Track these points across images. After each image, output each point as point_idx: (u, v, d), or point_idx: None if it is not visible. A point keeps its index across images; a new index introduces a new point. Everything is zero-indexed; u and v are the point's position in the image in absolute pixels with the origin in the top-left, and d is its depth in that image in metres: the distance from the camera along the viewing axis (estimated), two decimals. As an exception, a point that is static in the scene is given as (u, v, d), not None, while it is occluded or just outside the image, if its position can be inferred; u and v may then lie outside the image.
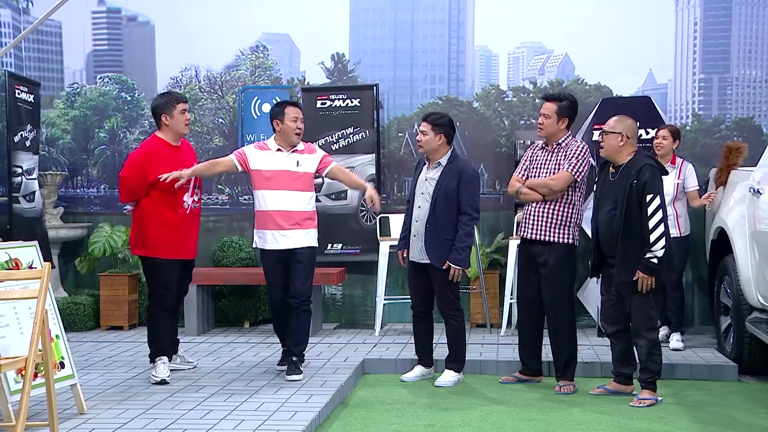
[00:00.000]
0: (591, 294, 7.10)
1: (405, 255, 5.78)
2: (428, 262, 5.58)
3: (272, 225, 5.56)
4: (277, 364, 5.85)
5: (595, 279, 7.04)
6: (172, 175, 5.36)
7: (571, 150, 5.49)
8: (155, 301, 5.61)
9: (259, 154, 5.62)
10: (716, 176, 6.60)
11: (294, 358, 5.63)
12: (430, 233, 5.53)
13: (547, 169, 5.53)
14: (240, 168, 5.65)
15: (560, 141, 5.53)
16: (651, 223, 5.03)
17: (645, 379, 5.23)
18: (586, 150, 5.52)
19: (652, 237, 5.02)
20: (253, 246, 5.78)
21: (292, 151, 5.62)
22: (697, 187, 6.48)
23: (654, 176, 5.09)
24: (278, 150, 5.61)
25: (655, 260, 5.04)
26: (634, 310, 5.20)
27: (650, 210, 5.03)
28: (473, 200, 5.56)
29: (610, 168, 5.30)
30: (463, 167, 5.62)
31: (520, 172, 5.68)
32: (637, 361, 5.30)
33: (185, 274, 5.73)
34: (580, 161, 5.45)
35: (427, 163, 5.69)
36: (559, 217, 5.49)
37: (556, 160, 5.51)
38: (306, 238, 5.60)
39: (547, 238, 5.49)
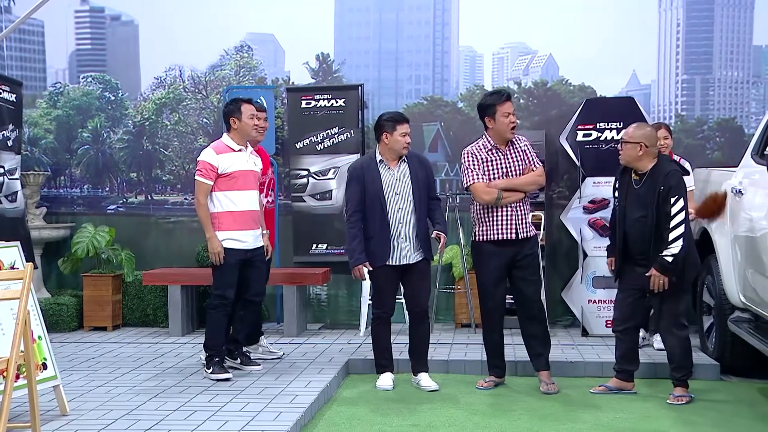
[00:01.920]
0: (575, 294, 7.13)
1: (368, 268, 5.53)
2: (421, 258, 5.54)
3: (242, 225, 5.62)
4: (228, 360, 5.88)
5: (579, 279, 7.12)
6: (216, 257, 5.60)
7: (525, 143, 5.64)
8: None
9: (224, 157, 5.59)
10: (695, 209, 6.44)
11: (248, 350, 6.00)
12: (421, 229, 5.54)
13: (516, 167, 5.52)
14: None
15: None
16: (672, 223, 5.09)
17: (680, 377, 5.29)
18: None
19: (671, 236, 5.09)
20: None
21: (251, 152, 5.74)
22: (693, 188, 6.46)
23: (680, 181, 5.18)
24: (240, 150, 5.65)
25: (669, 258, 5.08)
26: (665, 310, 5.25)
27: (673, 211, 5.10)
28: (436, 184, 5.79)
29: (633, 174, 5.32)
30: (420, 156, 5.79)
31: (481, 178, 5.46)
32: (668, 360, 5.35)
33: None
34: None
35: (384, 164, 5.52)
36: (529, 211, 5.63)
37: (519, 157, 5.56)
38: (261, 237, 5.80)
39: (530, 234, 5.57)
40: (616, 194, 5.45)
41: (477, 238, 5.57)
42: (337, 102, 7.74)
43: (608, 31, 7.68)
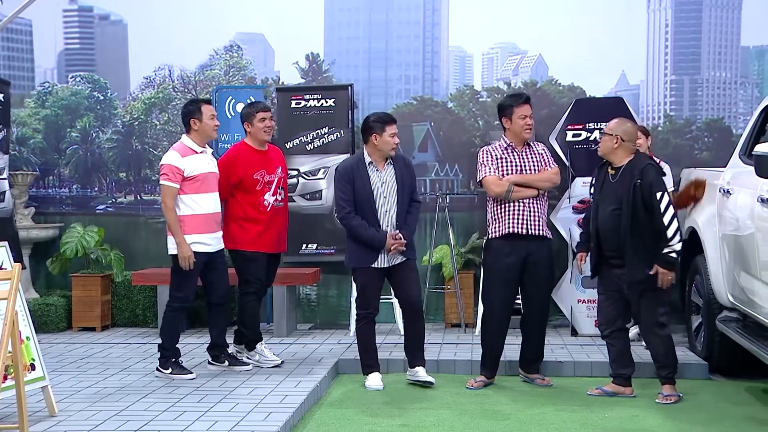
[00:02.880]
0: (565, 294, 7.15)
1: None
2: (405, 259, 5.55)
3: (207, 228, 5.61)
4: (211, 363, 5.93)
5: (569, 279, 7.14)
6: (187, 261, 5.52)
7: (542, 148, 5.73)
8: (245, 290, 5.91)
9: (189, 160, 5.55)
10: (675, 201, 6.50)
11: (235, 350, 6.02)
12: (409, 231, 5.56)
13: (531, 167, 5.58)
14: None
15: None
16: (665, 219, 5.10)
17: (665, 375, 5.31)
18: None
19: (669, 232, 5.09)
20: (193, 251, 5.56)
21: (211, 154, 5.74)
22: (672, 188, 6.51)
23: (657, 175, 5.20)
24: (202, 152, 5.64)
25: (674, 254, 5.12)
26: (644, 310, 5.25)
27: (662, 206, 5.10)
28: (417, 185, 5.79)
29: (609, 169, 5.35)
30: (404, 158, 5.79)
31: (494, 172, 5.54)
32: (653, 359, 5.38)
33: (270, 266, 6.02)
34: None
35: (374, 165, 5.53)
36: (546, 213, 5.63)
37: (534, 158, 5.61)
38: (221, 239, 5.78)
39: (544, 233, 5.57)
40: (592, 191, 5.48)
41: (489, 235, 5.62)
42: (326, 102, 7.73)
43: (597, 31, 7.71)
